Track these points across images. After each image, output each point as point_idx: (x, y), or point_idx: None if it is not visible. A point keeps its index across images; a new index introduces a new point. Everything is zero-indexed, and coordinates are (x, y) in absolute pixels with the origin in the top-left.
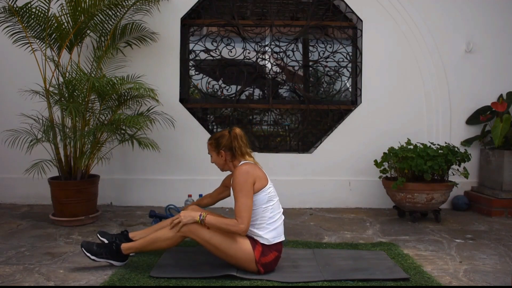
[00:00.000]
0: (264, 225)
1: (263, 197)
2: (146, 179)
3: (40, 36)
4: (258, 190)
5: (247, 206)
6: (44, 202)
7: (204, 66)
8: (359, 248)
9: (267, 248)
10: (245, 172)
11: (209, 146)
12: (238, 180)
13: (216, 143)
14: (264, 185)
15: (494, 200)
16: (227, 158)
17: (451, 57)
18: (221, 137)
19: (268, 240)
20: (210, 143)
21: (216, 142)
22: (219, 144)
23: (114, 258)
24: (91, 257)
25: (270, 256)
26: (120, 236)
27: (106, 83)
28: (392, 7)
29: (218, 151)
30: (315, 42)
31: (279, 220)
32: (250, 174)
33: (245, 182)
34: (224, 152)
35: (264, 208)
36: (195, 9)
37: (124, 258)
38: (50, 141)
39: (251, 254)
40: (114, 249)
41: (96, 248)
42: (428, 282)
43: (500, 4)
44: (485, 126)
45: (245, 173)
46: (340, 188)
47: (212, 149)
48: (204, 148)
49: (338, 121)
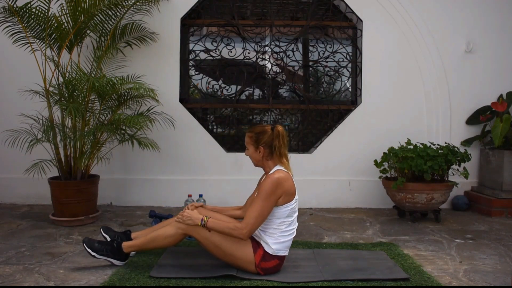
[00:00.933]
0: (276, 236)
1: (284, 212)
2: (146, 179)
3: (40, 36)
4: (282, 205)
5: (260, 216)
6: (44, 202)
7: (204, 66)
8: (359, 248)
9: (269, 255)
10: (277, 183)
11: (248, 139)
12: (267, 187)
13: (256, 138)
14: (289, 200)
15: (494, 200)
16: (265, 155)
17: (451, 57)
18: (262, 133)
19: (272, 250)
20: (250, 136)
21: (256, 136)
22: (259, 140)
23: (115, 256)
24: (91, 253)
25: (271, 262)
26: (122, 235)
27: (106, 83)
28: (392, 7)
29: (256, 146)
30: (315, 42)
31: (291, 235)
32: (280, 187)
33: (272, 193)
34: (263, 148)
35: (282, 221)
36: (195, 9)
37: (125, 258)
38: (50, 141)
39: (251, 256)
40: (116, 247)
41: (98, 245)
42: (428, 282)
43: (500, 4)
44: (485, 126)
45: (276, 184)
46: (340, 188)
47: (251, 142)
48: (204, 148)
49: (338, 121)
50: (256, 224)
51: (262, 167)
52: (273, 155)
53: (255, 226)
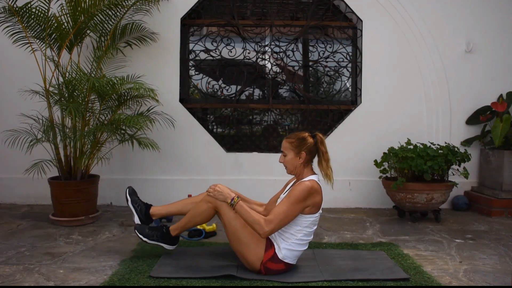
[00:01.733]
0: (290, 242)
1: (305, 221)
2: (146, 179)
3: (40, 36)
4: (307, 214)
5: (285, 218)
6: (44, 202)
7: (204, 66)
8: (359, 248)
9: (277, 258)
10: (310, 192)
11: (287, 144)
12: (299, 192)
13: (298, 143)
14: (314, 212)
15: (494, 200)
16: (304, 161)
17: (451, 57)
18: (304, 139)
19: (282, 255)
20: (290, 141)
21: (298, 142)
22: (301, 145)
23: (166, 241)
24: (143, 239)
25: (277, 265)
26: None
27: (106, 83)
28: (392, 7)
29: (298, 151)
30: (315, 42)
31: (304, 246)
32: (312, 197)
33: (303, 200)
34: (305, 154)
35: (300, 229)
36: (195, 9)
37: (174, 242)
38: (50, 141)
39: (261, 253)
40: (165, 232)
41: (148, 231)
42: (428, 282)
43: (500, 4)
44: (485, 126)
45: (309, 192)
46: (340, 188)
47: (292, 148)
48: (204, 148)
49: (338, 121)
50: (279, 226)
51: (296, 175)
52: (310, 163)
53: (278, 227)
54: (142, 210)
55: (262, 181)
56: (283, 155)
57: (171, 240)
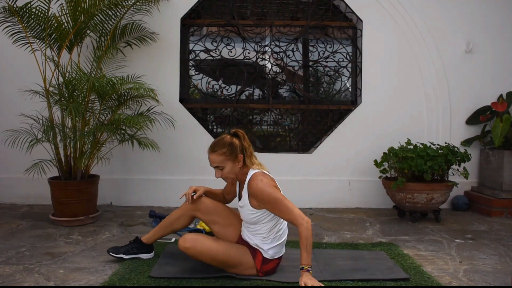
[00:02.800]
0: (271, 240)
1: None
2: (146, 179)
3: (40, 36)
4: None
5: (292, 205)
6: (44, 202)
7: (204, 66)
8: (359, 248)
9: (268, 259)
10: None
11: (220, 157)
12: (266, 193)
13: (230, 149)
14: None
15: (494, 200)
16: (242, 163)
17: (451, 57)
18: (232, 143)
19: (270, 255)
20: (222, 152)
21: (230, 148)
22: (234, 149)
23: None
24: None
25: (270, 265)
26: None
27: (106, 83)
28: (392, 7)
29: (235, 157)
30: (315, 42)
31: (283, 235)
32: (272, 183)
33: (274, 191)
34: (242, 156)
35: (273, 225)
36: (195, 9)
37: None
38: (50, 141)
39: (252, 262)
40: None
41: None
42: (428, 282)
43: (500, 4)
44: (485, 126)
45: (268, 184)
46: (340, 188)
47: (227, 158)
48: (204, 148)
49: (338, 121)
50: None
51: (238, 181)
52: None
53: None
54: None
55: None
56: (218, 169)
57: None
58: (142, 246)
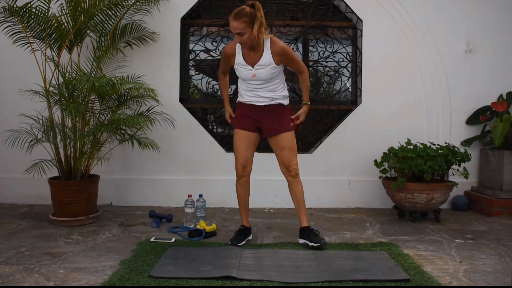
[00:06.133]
0: (284, 87)
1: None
2: (146, 179)
3: (40, 36)
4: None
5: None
6: (44, 202)
7: (204, 66)
8: (359, 249)
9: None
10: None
11: (242, 24)
12: (288, 49)
13: (251, 18)
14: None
15: (494, 200)
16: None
17: (451, 57)
18: (252, 13)
19: (287, 100)
20: (244, 20)
21: (251, 17)
22: (253, 18)
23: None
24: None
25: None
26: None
27: (106, 83)
28: (392, 7)
29: (253, 25)
30: (315, 42)
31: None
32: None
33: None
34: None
35: (282, 76)
36: (195, 9)
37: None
38: (50, 141)
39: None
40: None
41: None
42: (428, 282)
43: (500, 4)
44: (485, 126)
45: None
46: (340, 188)
47: (248, 25)
48: (204, 148)
49: (338, 121)
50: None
51: (256, 45)
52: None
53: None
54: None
55: (262, 181)
56: (239, 35)
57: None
58: (248, 231)
